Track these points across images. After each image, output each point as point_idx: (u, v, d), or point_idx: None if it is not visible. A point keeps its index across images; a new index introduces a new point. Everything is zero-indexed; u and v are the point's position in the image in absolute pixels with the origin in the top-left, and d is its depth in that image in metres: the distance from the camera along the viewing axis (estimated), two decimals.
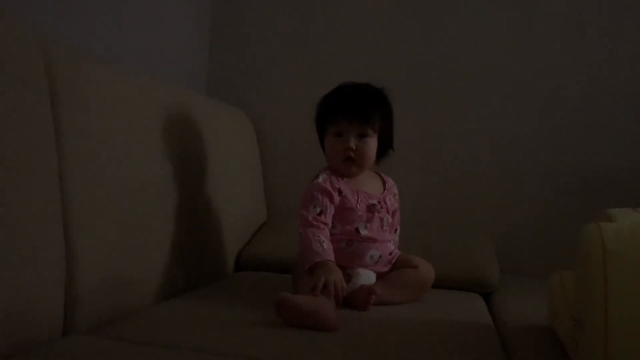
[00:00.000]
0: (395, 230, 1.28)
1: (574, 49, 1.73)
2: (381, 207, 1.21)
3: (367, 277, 1.14)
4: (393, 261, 1.22)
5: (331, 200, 1.17)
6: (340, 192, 1.18)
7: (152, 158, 1.17)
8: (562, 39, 1.74)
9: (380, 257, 1.19)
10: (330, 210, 1.17)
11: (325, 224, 1.15)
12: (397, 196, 1.30)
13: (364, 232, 1.18)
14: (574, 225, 0.85)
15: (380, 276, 1.18)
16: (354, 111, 1.17)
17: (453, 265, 1.45)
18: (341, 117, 1.17)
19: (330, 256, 1.09)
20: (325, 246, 1.10)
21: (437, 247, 1.50)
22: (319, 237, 1.11)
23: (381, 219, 1.20)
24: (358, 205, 1.19)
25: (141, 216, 1.11)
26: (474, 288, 1.43)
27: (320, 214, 1.15)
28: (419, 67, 1.82)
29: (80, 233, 0.92)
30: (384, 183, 1.29)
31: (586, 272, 0.65)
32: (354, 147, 1.17)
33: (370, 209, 1.20)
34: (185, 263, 1.27)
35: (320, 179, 1.19)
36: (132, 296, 1.07)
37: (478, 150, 1.80)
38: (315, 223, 1.13)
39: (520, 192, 1.78)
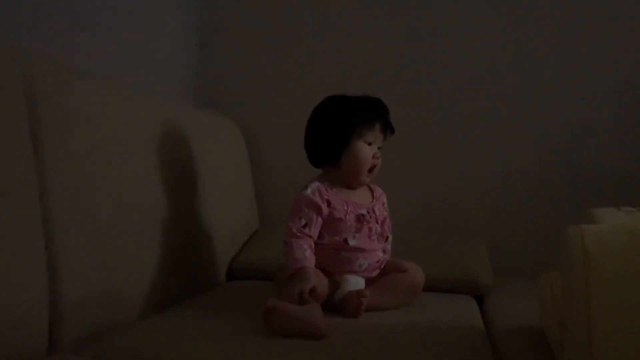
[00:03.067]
0: (387, 238, 1.27)
1: (568, 50, 1.73)
2: (370, 217, 1.20)
3: (355, 283, 1.14)
4: (381, 267, 1.22)
5: (318, 212, 1.16)
6: (329, 203, 1.18)
7: (139, 170, 1.17)
8: (556, 40, 1.74)
9: (368, 265, 1.19)
10: (317, 222, 1.16)
11: (310, 236, 1.15)
12: (385, 204, 1.29)
13: (352, 242, 1.17)
14: (567, 225, 0.84)
15: (369, 282, 1.18)
16: (386, 123, 1.21)
17: (446, 267, 1.44)
18: (378, 126, 1.19)
19: (310, 263, 1.09)
20: (307, 254, 1.10)
21: (429, 249, 1.50)
22: (302, 245, 1.12)
23: (370, 229, 1.20)
24: (347, 216, 1.18)
25: (128, 229, 1.10)
26: (467, 290, 1.42)
27: (305, 225, 1.15)
28: (410, 72, 1.81)
29: (63, 248, 0.91)
30: (372, 192, 1.28)
31: (568, 274, 0.65)
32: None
33: (360, 219, 1.19)
34: (176, 273, 1.26)
35: (309, 190, 1.18)
36: (120, 309, 1.06)
37: (470, 153, 1.79)
38: (299, 235, 1.13)
39: (514, 193, 1.77)
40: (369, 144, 1.19)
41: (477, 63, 1.78)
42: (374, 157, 1.20)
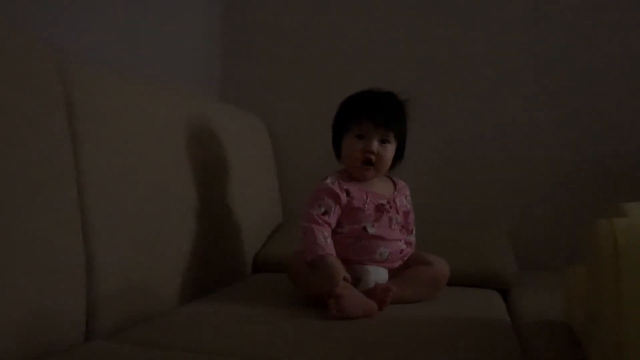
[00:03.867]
0: (411, 231, 1.29)
1: (590, 40, 1.71)
2: (390, 207, 1.22)
3: (376, 273, 1.15)
4: (405, 258, 1.23)
5: (337, 201, 1.18)
6: (348, 192, 1.19)
7: (168, 164, 1.19)
8: (576, 30, 1.72)
9: (390, 254, 1.20)
10: (335, 211, 1.18)
11: (328, 223, 1.17)
12: (408, 197, 1.30)
13: (371, 230, 1.19)
14: (591, 219, 0.84)
15: (391, 272, 1.19)
16: (381, 115, 1.19)
17: (470, 262, 1.44)
18: (367, 119, 1.18)
19: (332, 251, 1.12)
20: (328, 242, 1.13)
21: (453, 243, 1.50)
22: (323, 232, 1.14)
23: (390, 218, 1.21)
24: (366, 205, 1.19)
25: (159, 221, 1.13)
26: (492, 285, 1.42)
27: (324, 213, 1.17)
28: (430, 65, 1.82)
29: (99, 240, 0.95)
30: (394, 185, 1.29)
31: (598, 267, 0.65)
32: (376, 151, 1.19)
33: (379, 208, 1.20)
34: (205, 265, 1.28)
35: (328, 180, 1.21)
36: (152, 300, 1.09)
37: (493, 146, 1.79)
38: (319, 220, 1.15)
39: (537, 186, 1.77)
40: (360, 137, 1.20)
41: (501, 55, 1.77)
42: (367, 150, 1.19)
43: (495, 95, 1.78)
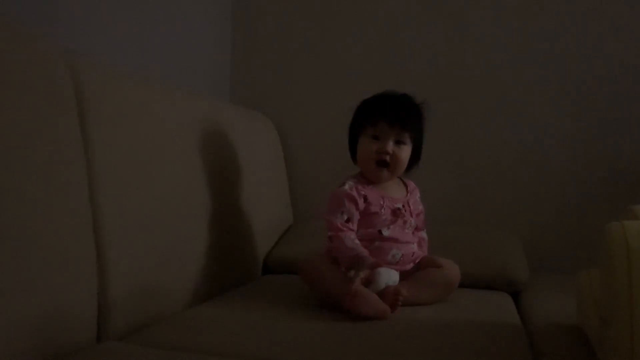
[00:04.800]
0: (423, 229, 1.30)
1: (602, 43, 1.70)
2: (405, 211, 1.23)
3: (388, 275, 1.15)
4: (416, 261, 1.23)
5: (357, 206, 1.19)
6: (365, 198, 1.20)
7: (179, 166, 1.20)
8: (589, 34, 1.71)
9: (402, 256, 1.20)
10: (356, 216, 1.19)
11: (352, 230, 1.18)
12: (418, 197, 1.31)
13: (386, 233, 1.20)
14: (603, 221, 0.84)
15: (403, 275, 1.19)
16: (397, 116, 1.19)
17: (481, 263, 1.43)
18: (382, 120, 1.19)
19: (364, 252, 1.13)
20: (357, 243, 1.16)
21: (465, 245, 1.49)
22: (350, 236, 1.16)
23: (404, 222, 1.22)
24: (383, 210, 1.20)
25: (170, 223, 1.14)
26: (503, 287, 1.41)
27: (347, 221, 1.18)
28: (444, 68, 1.81)
29: (111, 242, 0.95)
30: (406, 186, 1.30)
31: (611, 271, 0.65)
32: (391, 152, 1.19)
33: (395, 212, 1.21)
34: (216, 267, 1.29)
35: (346, 186, 1.21)
36: (163, 302, 1.10)
37: (505, 148, 1.78)
38: (344, 229, 1.17)
39: (549, 188, 1.75)
40: (376, 138, 1.20)
41: (512, 58, 1.76)
42: (381, 150, 1.19)
43: (508, 98, 1.77)
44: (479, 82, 1.79)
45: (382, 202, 1.21)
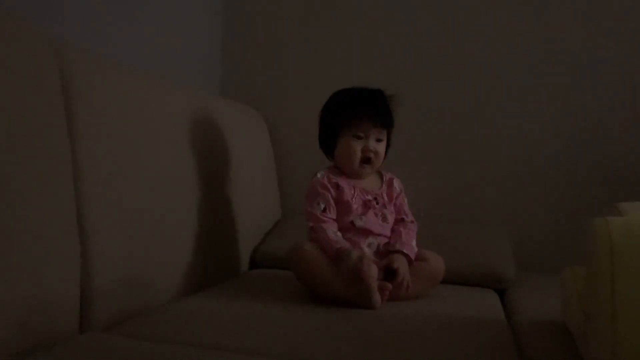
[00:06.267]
0: (402, 219, 1.28)
1: (591, 43, 1.71)
2: (377, 203, 1.24)
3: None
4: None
5: (330, 194, 1.22)
6: (337, 186, 1.23)
7: (166, 158, 1.19)
8: (578, 33, 1.72)
9: (378, 246, 1.22)
10: (332, 204, 1.22)
11: (332, 219, 1.21)
12: (397, 188, 1.30)
13: (359, 223, 1.21)
14: (591, 219, 0.84)
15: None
16: (380, 117, 1.22)
17: (468, 260, 1.44)
18: (366, 120, 1.21)
19: (346, 244, 1.15)
20: (338, 235, 1.17)
21: (452, 242, 1.50)
22: (331, 227, 1.18)
23: (376, 214, 1.23)
24: (354, 199, 1.22)
25: (157, 215, 1.13)
26: (489, 284, 1.42)
27: (325, 210, 1.20)
28: (433, 65, 1.81)
29: (95, 232, 0.94)
30: (381, 178, 1.31)
31: (594, 266, 0.65)
32: (374, 150, 1.22)
33: (366, 204, 1.23)
34: (202, 260, 1.28)
35: (318, 175, 1.25)
36: (148, 293, 1.09)
37: (493, 146, 1.78)
38: (324, 219, 1.19)
39: (536, 187, 1.76)
40: (359, 137, 1.22)
41: (501, 57, 1.77)
42: (365, 150, 1.22)
43: (497, 96, 1.78)
44: (469, 81, 1.79)
45: (353, 192, 1.23)
